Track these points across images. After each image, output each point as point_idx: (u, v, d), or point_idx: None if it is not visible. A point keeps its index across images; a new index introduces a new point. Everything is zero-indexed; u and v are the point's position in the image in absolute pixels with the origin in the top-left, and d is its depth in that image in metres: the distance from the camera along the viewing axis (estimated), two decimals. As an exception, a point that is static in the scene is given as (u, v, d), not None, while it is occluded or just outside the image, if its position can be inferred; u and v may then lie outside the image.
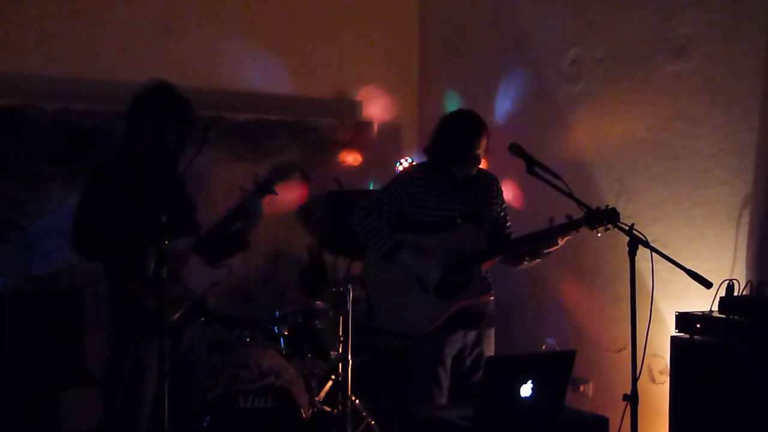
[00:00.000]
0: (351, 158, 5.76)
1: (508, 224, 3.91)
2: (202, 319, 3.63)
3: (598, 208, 3.40)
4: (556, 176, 3.38)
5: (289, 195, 5.37)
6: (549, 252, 3.66)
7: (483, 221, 3.78)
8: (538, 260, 3.77)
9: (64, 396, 4.24)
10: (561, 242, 3.60)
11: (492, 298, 3.82)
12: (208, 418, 3.96)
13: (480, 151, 3.70)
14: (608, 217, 3.36)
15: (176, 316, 3.36)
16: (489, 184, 3.86)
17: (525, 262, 3.80)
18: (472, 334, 3.77)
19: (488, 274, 3.79)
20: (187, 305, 3.44)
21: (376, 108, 5.93)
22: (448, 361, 3.72)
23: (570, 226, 3.53)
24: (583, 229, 3.49)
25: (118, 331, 3.38)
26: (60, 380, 4.17)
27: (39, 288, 4.55)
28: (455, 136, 3.70)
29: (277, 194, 3.62)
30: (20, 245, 4.67)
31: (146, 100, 3.45)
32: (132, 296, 3.28)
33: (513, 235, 3.89)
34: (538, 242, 3.62)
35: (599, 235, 3.43)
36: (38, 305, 4.21)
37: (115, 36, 5.01)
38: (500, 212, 3.89)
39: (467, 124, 3.71)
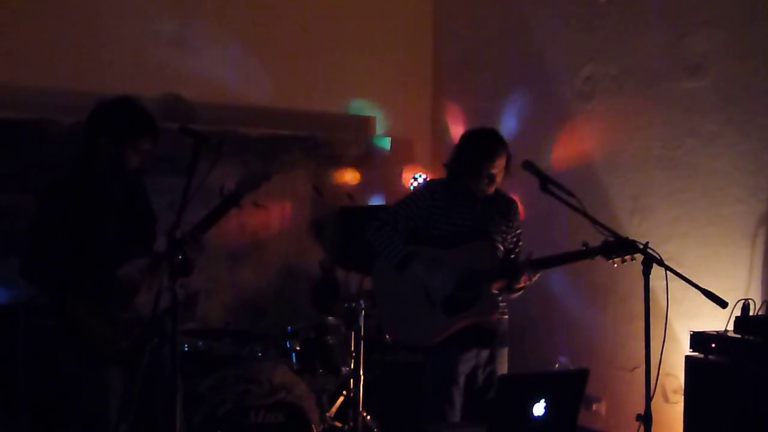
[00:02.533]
0: (364, 174, 5.76)
1: (517, 249, 3.88)
2: (156, 340, 3.24)
3: (615, 239, 3.31)
4: (570, 194, 3.35)
5: (302, 211, 5.39)
6: (521, 288, 3.64)
7: (497, 241, 3.76)
8: (512, 296, 3.73)
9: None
10: (529, 281, 3.58)
11: (506, 317, 3.80)
12: (218, 433, 3.94)
13: (495, 171, 3.67)
14: (626, 248, 3.29)
15: (125, 344, 3.18)
16: (507, 206, 3.85)
17: (503, 294, 3.76)
18: (485, 353, 3.74)
19: (498, 294, 3.75)
20: (138, 331, 3.21)
21: (390, 124, 5.94)
22: (462, 380, 3.70)
23: (585, 254, 3.49)
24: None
25: (71, 361, 3.25)
26: (72, 392, 4.16)
27: (52, 300, 4.55)
28: (470, 155, 3.70)
29: (241, 207, 3.43)
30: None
31: (105, 116, 3.26)
32: (87, 326, 3.17)
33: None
34: (554, 266, 3.59)
35: (615, 266, 3.39)
36: (51, 317, 4.20)
37: (130, 51, 5.04)
38: (513, 237, 3.87)
39: (482, 144, 3.70)
